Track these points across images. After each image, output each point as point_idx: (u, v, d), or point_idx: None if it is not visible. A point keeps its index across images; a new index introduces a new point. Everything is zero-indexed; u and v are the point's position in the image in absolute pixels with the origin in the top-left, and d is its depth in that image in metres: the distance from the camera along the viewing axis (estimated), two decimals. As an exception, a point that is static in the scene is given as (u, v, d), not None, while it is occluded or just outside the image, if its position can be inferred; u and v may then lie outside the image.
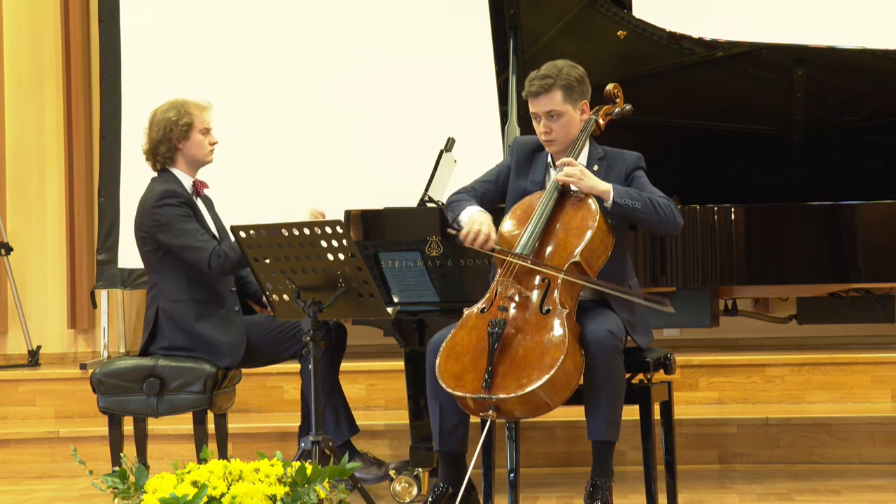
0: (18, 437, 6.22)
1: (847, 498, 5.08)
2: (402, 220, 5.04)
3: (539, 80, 4.44)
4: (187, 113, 5.06)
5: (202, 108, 5.11)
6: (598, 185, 4.36)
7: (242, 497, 3.73)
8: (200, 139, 5.08)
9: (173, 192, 5.00)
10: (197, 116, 5.08)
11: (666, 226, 4.41)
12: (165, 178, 5.07)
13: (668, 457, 4.64)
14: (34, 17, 7.59)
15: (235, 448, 5.79)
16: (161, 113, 5.09)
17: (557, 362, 4.09)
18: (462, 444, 4.41)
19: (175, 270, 4.99)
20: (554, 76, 4.42)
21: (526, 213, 4.41)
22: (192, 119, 5.06)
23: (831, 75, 5.41)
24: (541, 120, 4.45)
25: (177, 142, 5.06)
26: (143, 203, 5.04)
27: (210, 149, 5.11)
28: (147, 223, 4.99)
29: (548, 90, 4.41)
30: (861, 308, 6.34)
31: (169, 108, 5.09)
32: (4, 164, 7.57)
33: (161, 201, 4.96)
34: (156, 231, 4.97)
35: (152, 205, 4.98)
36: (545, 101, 4.43)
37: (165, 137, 5.06)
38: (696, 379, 6.29)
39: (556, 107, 4.42)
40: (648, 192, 4.40)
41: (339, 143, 7.25)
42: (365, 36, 7.31)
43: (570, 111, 4.45)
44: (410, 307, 4.98)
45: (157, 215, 4.96)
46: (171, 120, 5.05)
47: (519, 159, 4.61)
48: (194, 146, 5.08)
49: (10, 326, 7.54)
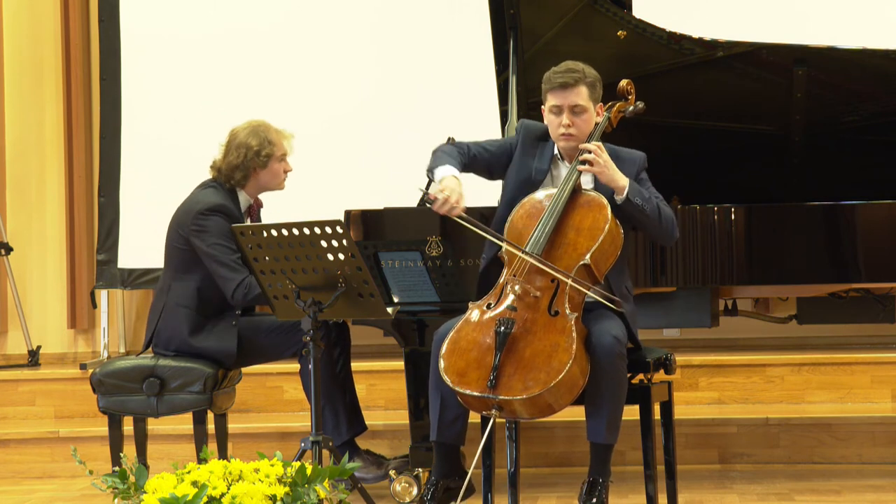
0: (18, 437, 6.22)
1: (847, 498, 5.08)
2: (402, 220, 5.04)
3: (567, 73, 4.38)
4: (269, 143, 5.03)
5: (284, 137, 5.09)
6: (618, 179, 4.33)
7: (242, 497, 3.72)
8: (277, 168, 5.06)
9: (227, 208, 4.97)
10: (278, 145, 5.05)
11: (663, 235, 4.41)
12: (223, 190, 5.05)
13: (667, 457, 4.64)
14: (34, 17, 7.59)
15: (235, 448, 5.79)
16: (242, 137, 5.04)
17: (565, 367, 4.08)
18: (459, 437, 4.40)
19: (193, 278, 4.98)
20: (580, 72, 4.39)
21: (535, 210, 4.38)
22: (273, 150, 5.04)
23: (831, 75, 5.41)
24: (562, 113, 4.40)
25: (254, 170, 5.03)
26: (192, 203, 5.02)
27: (284, 177, 5.10)
28: (188, 225, 4.97)
29: (575, 84, 4.37)
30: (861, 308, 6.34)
31: (251, 133, 5.04)
32: (4, 164, 7.57)
33: (212, 212, 4.94)
34: (194, 236, 4.95)
35: (200, 210, 4.96)
36: (573, 94, 4.38)
37: (243, 165, 5.02)
38: (696, 379, 6.29)
39: (581, 101, 4.38)
40: (654, 195, 4.40)
41: (339, 142, 7.25)
42: (365, 36, 7.31)
43: (591, 109, 4.42)
44: (410, 307, 4.98)
45: (202, 221, 4.94)
46: (252, 148, 5.01)
47: (526, 141, 4.55)
48: (270, 175, 5.06)
49: (10, 326, 7.54)
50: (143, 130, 7.34)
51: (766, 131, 5.58)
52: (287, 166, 5.11)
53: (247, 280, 4.87)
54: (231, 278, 4.89)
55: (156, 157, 7.28)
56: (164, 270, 5.12)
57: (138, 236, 7.20)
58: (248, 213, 5.12)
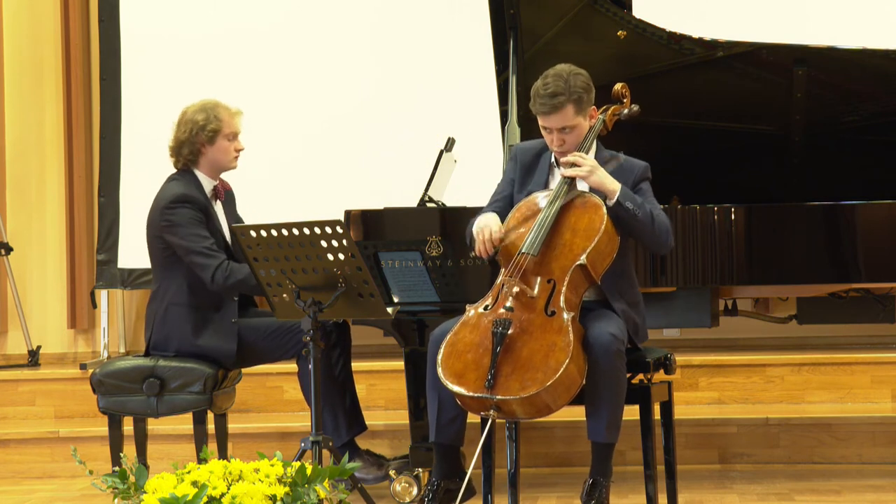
0: (18, 437, 6.22)
1: (847, 498, 5.09)
2: (402, 220, 5.04)
3: (549, 98, 4.32)
4: (216, 118, 5.02)
5: (232, 114, 5.08)
6: (607, 183, 4.32)
7: (242, 497, 3.72)
8: (226, 145, 5.05)
9: (189, 196, 4.97)
10: (226, 122, 5.04)
11: (657, 242, 4.39)
12: (184, 180, 5.04)
13: (667, 457, 4.64)
14: (34, 17, 7.59)
15: (235, 448, 5.79)
16: (190, 113, 5.05)
17: (562, 366, 4.08)
18: (458, 438, 4.40)
19: (179, 273, 4.98)
20: (564, 92, 4.32)
21: (532, 212, 4.38)
22: (220, 125, 5.03)
23: (831, 75, 5.41)
24: (553, 133, 4.39)
25: (201, 145, 5.03)
26: (158, 202, 5.02)
27: (235, 155, 5.08)
28: (159, 222, 4.98)
29: (559, 108, 4.33)
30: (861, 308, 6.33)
31: (199, 109, 5.05)
32: (4, 164, 7.57)
33: (175, 204, 4.95)
34: (165, 232, 4.96)
35: (165, 205, 4.97)
36: (557, 118, 4.35)
37: (190, 139, 5.02)
38: (696, 379, 6.29)
39: (568, 122, 4.36)
40: (651, 205, 4.39)
41: (339, 142, 7.25)
42: (365, 36, 7.31)
43: (581, 122, 4.39)
44: (410, 307, 4.98)
45: (168, 216, 4.94)
46: (198, 123, 5.01)
47: (522, 168, 4.55)
48: (218, 151, 5.05)
49: (10, 326, 7.54)
50: (143, 130, 7.34)
51: (766, 131, 5.58)
52: (238, 145, 5.09)
53: (224, 263, 4.86)
54: (207, 265, 4.88)
55: (156, 157, 7.20)
56: (153, 274, 5.13)
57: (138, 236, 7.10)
58: (215, 196, 5.10)
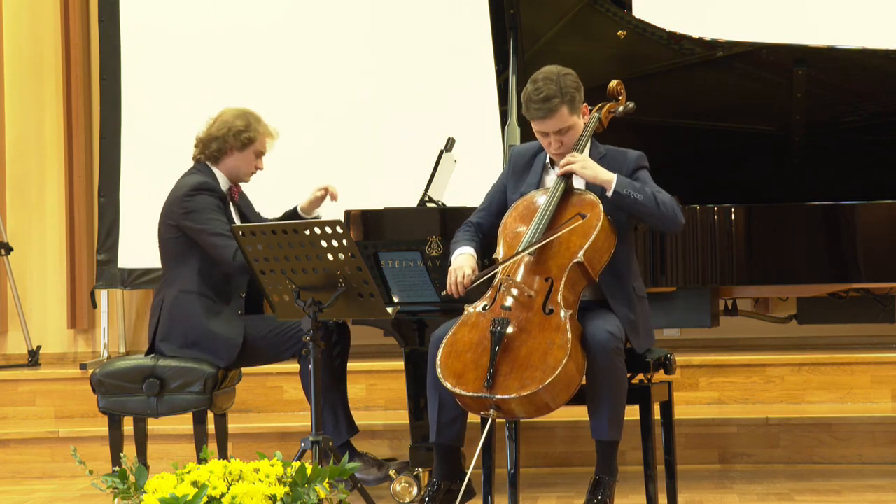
0: (18, 437, 6.22)
1: (847, 498, 5.08)
2: (402, 220, 5.04)
3: (543, 102, 4.32)
4: (255, 129, 5.09)
5: (269, 133, 5.15)
6: (600, 174, 4.32)
7: (242, 497, 3.73)
8: (251, 158, 5.12)
9: (210, 185, 5.03)
10: (261, 138, 5.11)
11: (667, 221, 4.38)
12: (204, 172, 5.08)
13: (668, 457, 4.64)
14: (34, 17, 7.60)
15: (235, 448, 5.79)
16: (230, 116, 5.12)
17: (561, 364, 4.08)
18: (458, 438, 4.40)
19: (191, 262, 4.99)
20: (556, 94, 4.32)
21: (529, 211, 4.39)
22: (255, 137, 5.10)
23: (831, 75, 5.41)
24: (550, 136, 4.39)
25: (230, 148, 5.08)
26: (176, 190, 5.05)
27: (253, 171, 5.14)
28: (177, 210, 5.00)
29: (553, 112, 4.33)
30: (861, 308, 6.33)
31: (240, 115, 5.12)
32: (4, 164, 7.58)
33: (195, 191, 4.99)
34: (184, 218, 4.97)
35: (185, 193, 5.00)
36: (554, 122, 4.35)
37: (223, 138, 5.08)
38: (696, 379, 6.29)
39: (563, 123, 4.36)
40: (652, 188, 4.39)
41: (339, 142, 7.25)
42: (365, 35, 7.32)
43: (576, 121, 4.40)
44: (410, 307, 4.98)
45: (187, 202, 4.97)
46: (236, 126, 5.08)
47: (516, 170, 4.56)
48: (243, 160, 5.11)
49: (10, 326, 7.55)
50: (143, 130, 7.34)
51: (766, 131, 5.58)
52: (260, 164, 5.15)
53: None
54: (227, 245, 4.89)
55: (156, 157, 7.27)
56: (163, 268, 5.13)
57: (138, 236, 7.19)
58: (230, 196, 5.13)
